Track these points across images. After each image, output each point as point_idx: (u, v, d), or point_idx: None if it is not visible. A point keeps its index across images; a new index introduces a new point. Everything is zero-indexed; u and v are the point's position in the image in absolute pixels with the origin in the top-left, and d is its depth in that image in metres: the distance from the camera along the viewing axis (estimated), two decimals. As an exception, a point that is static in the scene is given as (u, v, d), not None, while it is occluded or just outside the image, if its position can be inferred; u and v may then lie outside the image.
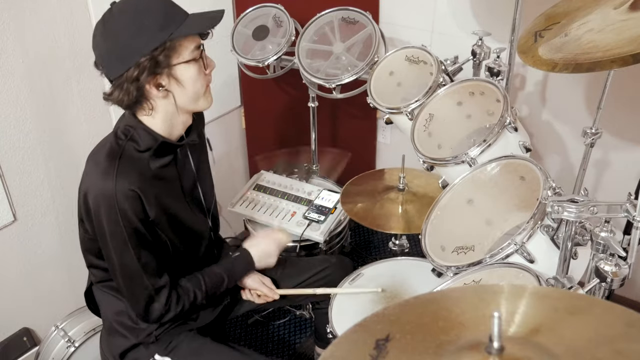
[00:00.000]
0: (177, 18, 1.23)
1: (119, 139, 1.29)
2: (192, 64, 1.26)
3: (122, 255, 1.29)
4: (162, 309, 1.35)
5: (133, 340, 1.43)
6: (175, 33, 1.21)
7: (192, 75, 1.27)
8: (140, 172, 1.27)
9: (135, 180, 1.25)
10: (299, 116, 2.44)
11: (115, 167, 1.23)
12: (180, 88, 1.27)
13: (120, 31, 1.21)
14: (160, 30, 1.20)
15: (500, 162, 1.38)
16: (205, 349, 1.46)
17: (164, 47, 1.20)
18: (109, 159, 1.25)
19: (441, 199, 1.41)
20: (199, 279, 1.43)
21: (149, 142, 1.29)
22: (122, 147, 1.27)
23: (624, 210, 1.04)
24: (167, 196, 1.34)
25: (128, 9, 1.21)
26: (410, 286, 1.64)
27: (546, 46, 1.29)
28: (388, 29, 2.19)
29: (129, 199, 1.24)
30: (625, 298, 2.14)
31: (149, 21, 1.20)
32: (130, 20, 1.21)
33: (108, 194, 1.23)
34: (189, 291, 1.40)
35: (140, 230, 1.28)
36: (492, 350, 0.62)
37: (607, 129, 1.79)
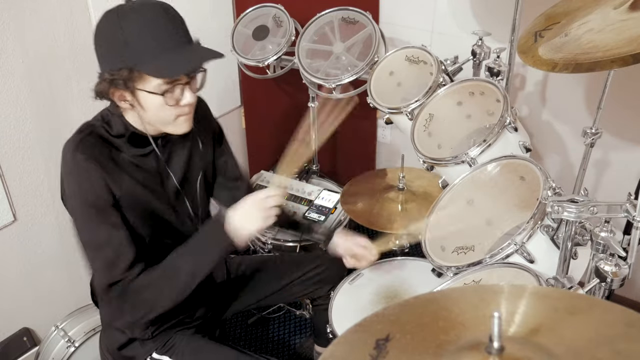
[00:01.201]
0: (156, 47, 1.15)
1: (95, 119, 1.29)
2: (156, 96, 1.19)
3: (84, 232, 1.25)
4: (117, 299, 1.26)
5: (129, 335, 1.42)
6: (138, 66, 1.14)
7: (154, 105, 1.20)
8: (107, 153, 1.25)
9: (97, 154, 1.22)
10: (299, 116, 2.44)
11: (79, 139, 1.23)
12: (143, 111, 1.22)
13: (101, 34, 1.18)
14: (128, 53, 1.15)
15: (500, 162, 1.38)
16: (204, 348, 1.45)
17: (128, 72, 1.15)
18: (77, 133, 1.25)
19: (441, 199, 1.41)
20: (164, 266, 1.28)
21: (120, 129, 1.27)
22: (93, 125, 1.27)
23: (624, 210, 1.04)
24: (142, 184, 1.30)
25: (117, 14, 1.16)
26: (410, 286, 1.64)
27: (546, 46, 1.29)
28: (388, 29, 2.19)
29: (88, 169, 1.21)
30: (625, 298, 2.14)
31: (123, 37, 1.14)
32: (111, 27, 1.16)
33: (69, 163, 1.22)
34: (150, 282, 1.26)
35: (103, 206, 1.22)
36: (492, 350, 0.62)
37: (607, 129, 1.79)
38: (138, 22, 1.15)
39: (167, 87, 1.19)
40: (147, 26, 1.15)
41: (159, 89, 1.18)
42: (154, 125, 1.28)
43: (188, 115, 1.27)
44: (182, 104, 1.23)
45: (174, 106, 1.22)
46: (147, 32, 1.15)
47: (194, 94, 1.25)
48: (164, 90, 1.19)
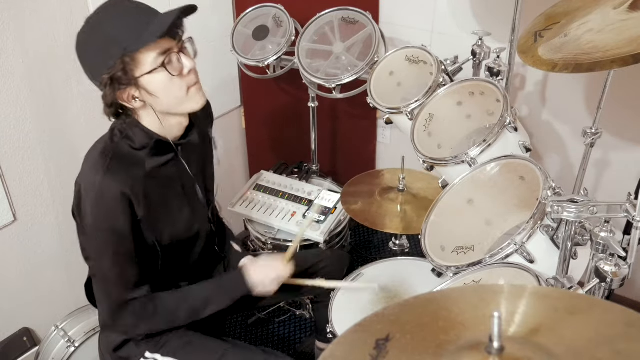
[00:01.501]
0: (135, 27, 1.17)
1: (114, 136, 1.29)
2: (158, 72, 1.19)
3: (100, 256, 1.28)
4: (132, 321, 1.32)
5: (123, 336, 1.43)
6: (127, 48, 1.15)
7: (161, 83, 1.21)
8: (133, 171, 1.26)
9: (125, 179, 1.24)
10: (299, 116, 2.44)
11: (105, 164, 1.23)
12: (154, 98, 1.23)
13: (86, 47, 1.20)
14: (115, 44, 1.16)
15: (500, 162, 1.38)
16: (195, 343, 1.46)
17: (122, 63, 1.16)
18: (102, 156, 1.25)
19: (441, 199, 1.41)
20: (184, 294, 1.39)
21: (143, 140, 1.28)
22: (116, 144, 1.27)
23: (624, 210, 1.04)
24: (161, 195, 1.32)
25: (90, 22, 1.20)
26: (410, 286, 1.64)
27: (546, 46, 1.29)
28: (388, 29, 2.19)
29: (116, 199, 1.22)
30: (625, 298, 2.14)
31: (104, 34, 1.17)
32: (91, 35, 1.19)
33: (96, 189, 1.22)
34: (165, 310, 1.35)
35: (125, 235, 1.25)
36: (492, 350, 0.62)
37: (607, 129, 1.79)
38: (111, 15, 1.18)
39: (162, 58, 1.20)
40: (120, 15, 1.18)
41: (156, 63, 1.19)
42: (172, 112, 1.28)
43: (197, 85, 1.28)
44: (185, 72, 1.24)
45: (179, 77, 1.23)
46: (122, 19, 1.17)
47: (192, 60, 1.26)
48: (161, 63, 1.20)
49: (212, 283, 1.44)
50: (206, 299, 1.40)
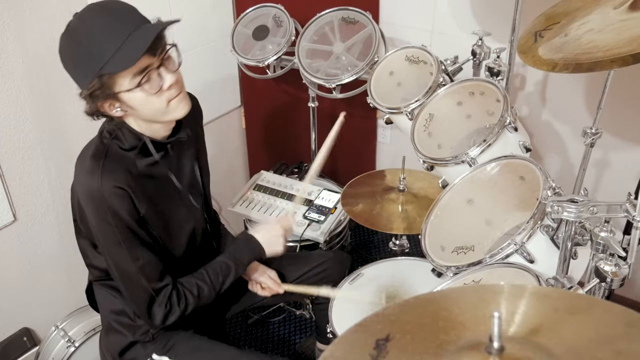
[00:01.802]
0: (112, 45, 1.13)
1: (103, 138, 1.29)
2: (136, 90, 1.18)
3: (117, 256, 1.28)
4: (163, 310, 1.32)
5: (130, 338, 1.43)
6: (103, 69, 1.13)
7: (140, 101, 1.20)
8: (127, 170, 1.26)
9: (122, 178, 1.23)
10: (299, 116, 2.44)
11: (100, 165, 1.23)
12: (134, 110, 1.22)
13: (66, 58, 1.18)
14: (92, 62, 1.14)
15: (500, 162, 1.38)
16: (203, 347, 1.46)
17: (99, 82, 1.15)
18: (94, 159, 1.25)
19: (441, 199, 1.41)
20: (202, 272, 1.40)
21: (132, 141, 1.28)
22: (106, 146, 1.27)
23: (624, 210, 1.04)
24: (157, 193, 1.32)
25: (69, 32, 1.16)
26: (410, 286, 1.64)
27: (546, 46, 1.29)
28: (388, 29, 2.19)
29: (117, 196, 1.22)
30: (625, 298, 2.13)
31: (82, 49, 1.14)
32: (70, 46, 1.17)
33: (95, 193, 1.22)
34: (192, 286, 1.37)
35: (133, 228, 1.26)
36: (492, 350, 0.62)
37: (607, 129, 1.79)
38: (88, 28, 1.14)
39: (139, 78, 1.17)
40: (98, 28, 1.14)
41: (133, 83, 1.17)
42: (155, 121, 1.28)
43: (180, 96, 1.26)
44: (165, 88, 1.21)
45: (158, 93, 1.21)
46: (100, 33, 1.14)
47: (174, 73, 1.23)
48: (139, 82, 1.17)
49: (225, 255, 1.46)
50: (225, 272, 1.42)
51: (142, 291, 1.31)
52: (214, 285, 1.40)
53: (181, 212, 1.41)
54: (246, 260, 1.47)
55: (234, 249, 1.49)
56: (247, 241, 1.50)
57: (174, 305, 1.34)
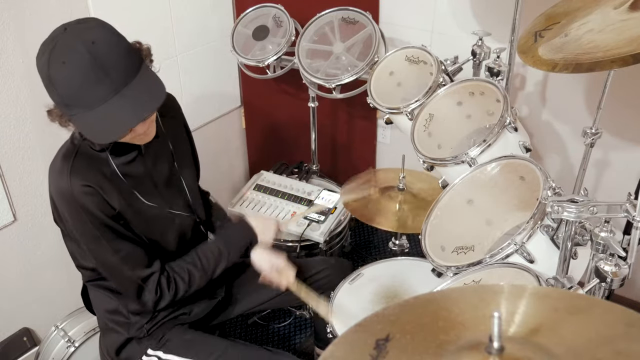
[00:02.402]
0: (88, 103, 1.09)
1: (74, 139, 1.29)
2: None
3: (98, 251, 1.28)
4: (153, 297, 1.33)
5: (125, 335, 1.43)
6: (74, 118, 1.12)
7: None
8: (98, 169, 1.26)
9: (91, 177, 1.23)
10: (299, 116, 2.44)
11: (69, 166, 1.23)
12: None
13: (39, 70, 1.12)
14: (63, 105, 1.12)
15: (500, 162, 1.38)
16: (196, 341, 1.46)
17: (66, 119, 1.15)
18: (64, 159, 1.25)
19: (441, 199, 1.41)
20: (192, 255, 1.40)
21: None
22: (77, 146, 1.27)
23: (624, 210, 1.04)
24: (134, 191, 1.32)
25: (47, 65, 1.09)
26: (410, 286, 1.64)
27: (546, 46, 1.29)
28: (388, 29, 2.19)
29: (86, 194, 1.22)
30: (625, 298, 2.13)
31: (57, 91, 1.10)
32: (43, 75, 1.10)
33: (66, 192, 1.23)
34: (182, 272, 1.36)
35: (108, 223, 1.25)
36: (492, 350, 0.62)
37: (607, 129, 1.79)
38: (66, 76, 1.08)
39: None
40: (76, 81, 1.08)
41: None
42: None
43: (145, 135, 1.25)
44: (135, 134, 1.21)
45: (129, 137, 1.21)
46: (75, 83, 1.08)
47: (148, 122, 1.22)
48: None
49: (217, 239, 1.46)
50: (216, 256, 1.41)
51: (129, 281, 1.31)
52: (206, 270, 1.40)
53: (164, 209, 1.39)
54: (239, 245, 1.46)
55: (227, 233, 1.49)
56: (241, 226, 1.49)
57: (164, 291, 1.34)
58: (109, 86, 1.09)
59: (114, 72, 1.09)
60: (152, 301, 1.34)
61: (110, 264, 1.30)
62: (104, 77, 1.08)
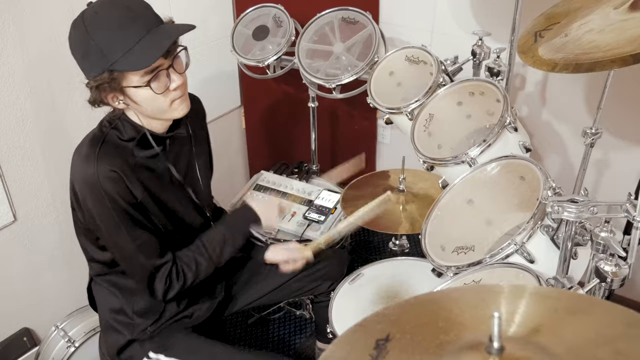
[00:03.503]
0: (125, 42, 1.15)
1: (103, 127, 1.31)
2: (144, 88, 1.21)
3: (116, 238, 1.30)
4: (163, 286, 1.35)
5: (128, 336, 1.44)
6: (114, 65, 1.16)
7: (145, 98, 1.22)
8: (123, 158, 1.28)
9: (118, 163, 1.25)
10: (299, 116, 2.44)
11: (96, 152, 1.25)
12: (138, 106, 1.25)
13: (74, 46, 1.21)
14: (102, 57, 1.16)
15: (500, 162, 1.38)
16: (200, 346, 1.46)
17: (109, 75, 1.17)
18: (91, 145, 1.27)
19: (441, 199, 1.41)
20: (198, 244, 1.42)
21: (131, 133, 1.30)
22: (105, 133, 1.29)
23: (624, 210, 1.04)
24: (155, 185, 1.34)
25: (82, 22, 1.18)
26: (410, 286, 1.64)
27: (546, 46, 1.29)
28: (388, 29, 2.19)
29: (111, 180, 1.24)
30: (625, 298, 2.14)
31: (94, 42, 1.16)
32: (80, 37, 1.18)
33: (90, 177, 1.24)
34: (190, 261, 1.38)
35: (129, 211, 1.28)
36: (492, 350, 0.62)
37: (607, 129, 1.79)
38: (103, 24, 1.16)
39: (149, 77, 1.20)
40: (113, 25, 1.16)
41: (143, 81, 1.20)
42: (154, 117, 1.30)
43: (182, 97, 1.29)
44: (171, 89, 1.24)
45: (164, 93, 1.23)
46: (114, 31, 1.16)
47: (182, 75, 1.26)
48: (148, 81, 1.20)
49: (220, 226, 1.47)
50: (221, 242, 1.43)
51: (142, 269, 1.33)
52: (212, 257, 1.41)
53: (175, 205, 1.41)
54: (242, 229, 1.48)
55: (230, 218, 1.53)
56: (243, 209, 1.51)
57: (174, 281, 1.36)
58: (141, 25, 1.17)
59: (143, 16, 1.20)
60: (162, 290, 1.36)
61: (127, 251, 1.31)
62: (135, 18, 1.18)
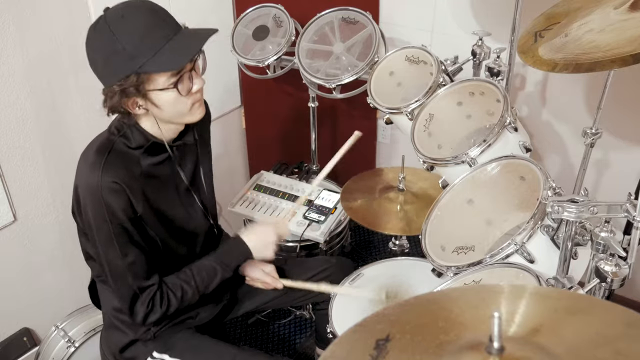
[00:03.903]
0: (153, 45, 1.16)
1: (111, 134, 1.31)
2: (168, 91, 1.21)
3: (107, 251, 1.29)
4: (145, 310, 1.32)
5: (131, 336, 1.43)
6: (143, 67, 1.16)
7: (168, 100, 1.23)
8: (129, 168, 1.27)
9: (122, 175, 1.25)
10: (299, 116, 2.44)
11: (102, 161, 1.24)
12: (158, 110, 1.24)
13: (96, 50, 1.20)
14: (130, 60, 1.15)
15: (500, 162, 1.38)
16: (204, 346, 1.46)
17: (136, 78, 1.17)
18: (98, 153, 1.26)
19: (441, 199, 1.41)
20: (187, 273, 1.39)
21: (140, 140, 1.30)
22: (112, 142, 1.28)
23: (624, 210, 1.04)
24: (157, 193, 1.33)
25: (107, 26, 1.16)
26: (410, 286, 1.63)
27: (546, 46, 1.29)
28: (388, 29, 2.19)
29: (114, 192, 1.23)
30: (625, 298, 2.13)
31: (121, 45, 1.15)
32: (105, 41, 1.17)
33: (94, 187, 1.23)
34: (176, 288, 1.36)
35: (126, 227, 1.27)
36: (492, 350, 0.62)
37: (607, 129, 1.78)
38: (129, 26, 1.16)
39: (175, 79, 1.21)
40: (139, 27, 1.16)
41: (169, 83, 1.20)
42: (172, 122, 1.31)
43: (201, 101, 1.31)
44: (194, 91, 1.26)
45: (188, 95, 1.25)
46: (141, 33, 1.16)
47: (201, 78, 1.28)
48: (174, 83, 1.21)
49: (212, 257, 1.44)
50: (211, 274, 1.41)
51: (127, 288, 1.31)
52: (199, 287, 1.39)
53: (182, 213, 1.41)
54: (233, 264, 1.45)
55: (223, 251, 1.47)
56: (236, 244, 1.47)
57: (156, 306, 1.34)
58: (167, 29, 1.19)
59: (167, 20, 1.21)
60: (143, 313, 1.33)
61: (116, 268, 1.30)
62: (161, 23, 1.19)
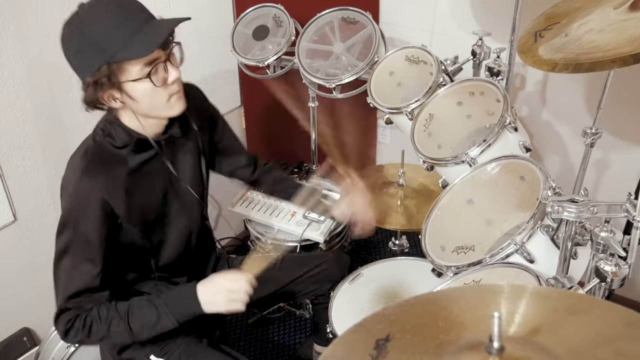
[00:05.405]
0: (124, 35, 1.14)
1: (96, 134, 1.30)
2: (142, 81, 1.18)
3: (59, 255, 1.28)
4: (63, 327, 1.28)
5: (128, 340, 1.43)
6: (114, 57, 1.14)
7: (143, 91, 1.20)
8: (112, 172, 1.26)
9: (101, 182, 1.23)
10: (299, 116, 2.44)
11: (84, 165, 1.23)
12: (135, 102, 1.22)
13: (69, 45, 1.18)
14: (101, 51, 1.14)
15: (500, 162, 1.38)
16: (200, 353, 1.45)
17: (107, 69, 1.15)
18: (83, 157, 1.26)
19: (441, 199, 1.41)
20: (125, 307, 1.31)
21: (125, 138, 1.28)
22: (97, 143, 1.27)
23: (624, 210, 1.04)
24: (148, 191, 1.32)
25: (79, 20, 1.16)
26: (410, 286, 1.64)
27: (546, 46, 1.29)
28: (388, 29, 2.19)
29: (91, 202, 1.22)
30: (625, 298, 2.14)
31: (92, 38, 1.14)
32: (77, 34, 1.16)
33: (72, 189, 1.23)
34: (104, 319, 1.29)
35: (89, 239, 1.24)
36: (492, 350, 0.62)
37: (607, 129, 1.78)
38: (99, 18, 1.15)
39: (149, 69, 1.19)
40: (108, 19, 1.15)
41: (142, 73, 1.18)
42: (150, 115, 1.28)
43: (179, 93, 1.28)
44: (169, 82, 1.23)
45: (162, 87, 1.22)
46: (110, 24, 1.15)
47: (177, 69, 1.25)
48: (148, 73, 1.19)
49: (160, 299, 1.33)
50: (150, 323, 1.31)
51: (61, 298, 1.29)
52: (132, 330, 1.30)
53: (174, 209, 1.40)
54: (179, 316, 1.32)
55: (172, 296, 1.35)
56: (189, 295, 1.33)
57: (77, 329, 1.28)
58: (137, 19, 1.17)
59: (137, 11, 1.19)
60: (62, 331, 1.30)
61: (59, 272, 1.29)
62: (130, 16, 1.17)
